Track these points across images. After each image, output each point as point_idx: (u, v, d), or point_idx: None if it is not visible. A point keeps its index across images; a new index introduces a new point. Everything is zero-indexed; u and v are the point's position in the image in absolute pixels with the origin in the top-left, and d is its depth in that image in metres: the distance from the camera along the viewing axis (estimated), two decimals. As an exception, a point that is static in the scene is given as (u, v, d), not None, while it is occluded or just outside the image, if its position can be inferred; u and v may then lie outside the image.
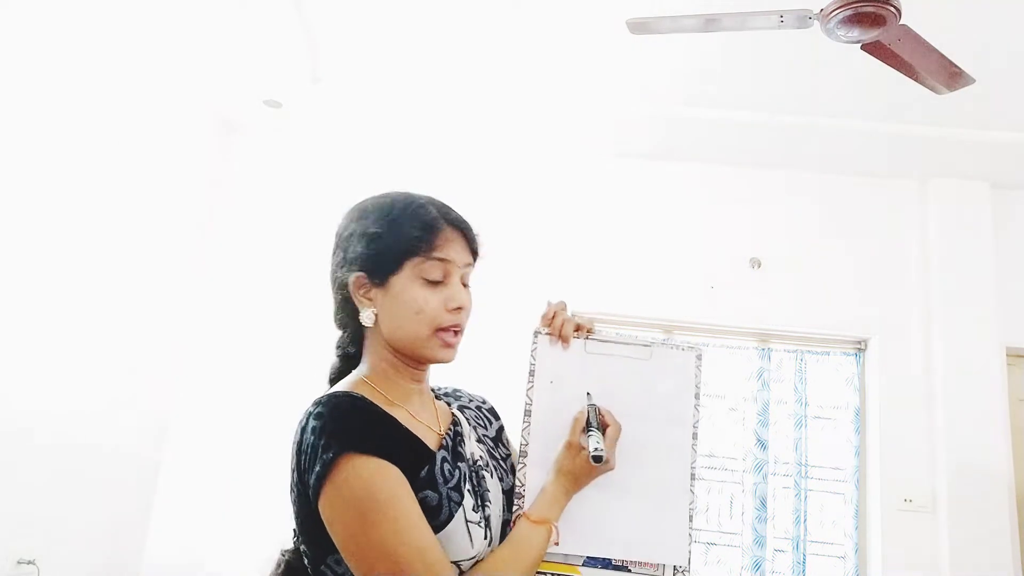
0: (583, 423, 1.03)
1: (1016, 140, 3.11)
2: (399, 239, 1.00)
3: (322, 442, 0.88)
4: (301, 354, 3.26)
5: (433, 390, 1.14)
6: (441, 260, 1.00)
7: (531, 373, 1.08)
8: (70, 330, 2.65)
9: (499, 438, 1.18)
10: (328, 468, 0.86)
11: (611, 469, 1.02)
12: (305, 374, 2.78)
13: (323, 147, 3.68)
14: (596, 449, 0.97)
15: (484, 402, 1.24)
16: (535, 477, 1.03)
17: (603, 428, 1.02)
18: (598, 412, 1.04)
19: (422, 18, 2.74)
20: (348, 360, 1.07)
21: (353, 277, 1.01)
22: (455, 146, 3.63)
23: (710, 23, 1.98)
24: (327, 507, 0.87)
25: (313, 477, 0.87)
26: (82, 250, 2.68)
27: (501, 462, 1.12)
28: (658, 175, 3.61)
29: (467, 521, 0.95)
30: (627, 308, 3.47)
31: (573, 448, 1.02)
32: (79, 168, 2.62)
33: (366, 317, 1.00)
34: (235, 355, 3.44)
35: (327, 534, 0.89)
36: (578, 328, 1.10)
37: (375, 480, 0.87)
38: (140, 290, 3.05)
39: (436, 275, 1.00)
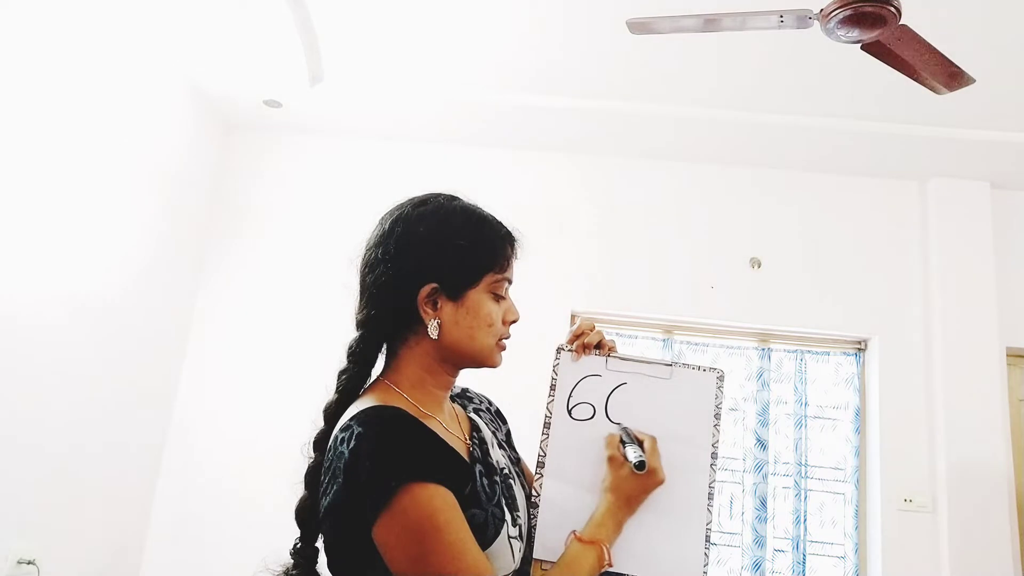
0: (618, 439, 1.05)
1: (1016, 140, 3.11)
2: (484, 255, 1.01)
3: (380, 469, 0.86)
4: (302, 354, 3.28)
5: None
6: (507, 278, 1.04)
7: (552, 387, 1.11)
8: (71, 330, 2.65)
9: (510, 441, 1.19)
10: (390, 497, 0.85)
11: (661, 482, 1.02)
12: (306, 374, 2.80)
13: (323, 147, 3.68)
14: (637, 456, 0.99)
15: (491, 404, 1.24)
16: (551, 488, 1.05)
17: (639, 442, 1.03)
18: (629, 431, 1.06)
19: (422, 18, 2.75)
20: (364, 366, 1.03)
21: (426, 288, 0.99)
22: (455, 146, 3.63)
23: (710, 23, 1.98)
24: (384, 533, 0.86)
25: (370, 504, 0.86)
26: (82, 250, 2.68)
27: (516, 465, 1.13)
28: (658, 175, 3.61)
29: (509, 537, 0.96)
30: (627, 309, 3.47)
31: (615, 462, 1.03)
32: (79, 168, 2.62)
33: (432, 329, 0.99)
34: (236, 355, 3.44)
35: (369, 555, 0.88)
36: (600, 345, 1.12)
37: (434, 506, 0.86)
38: (140, 289, 3.05)
39: (502, 291, 1.04)
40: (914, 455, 3.23)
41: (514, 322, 1.06)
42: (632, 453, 1.00)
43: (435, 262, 0.99)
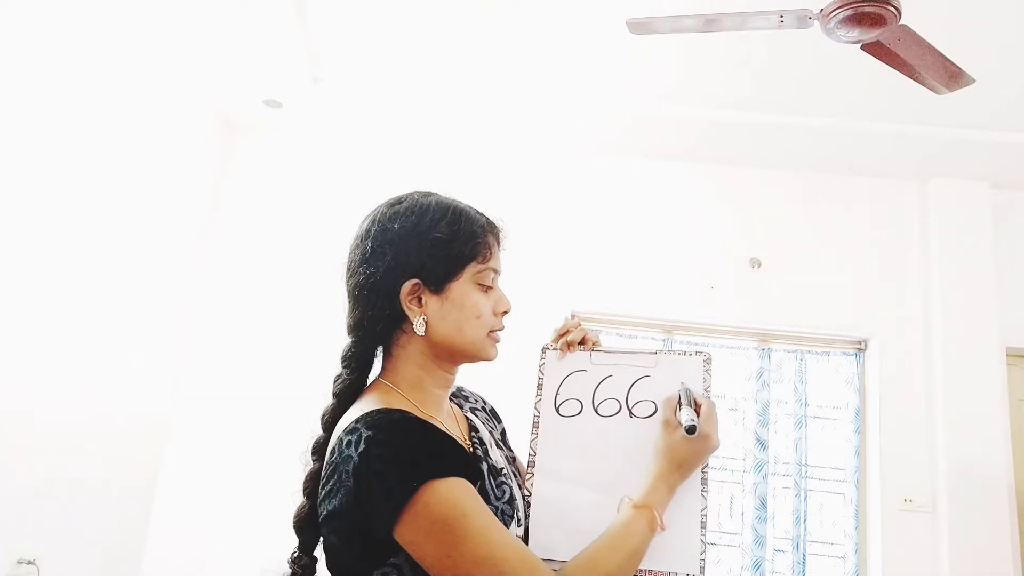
0: (675, 402, 1.04)
1: (1016, 140, 3.11)
2: (463, 245, 1.00)
3: (396, 471, 0.85)
4: (302, 355, 3.27)
5: None
6: (492, 267, 1.02)
7: (539, 386, 1.11)
8: (71, 329, 2.65)
9: (505, 440, 1.19)
10: (409, 497, 0.83)
11: (716, 447, 1.01)
12: (306, 375, 2.80)
13: (323, 147, 3.68)
14: (689, 420, 0.98)
15: (486, 403, 1.24)
16: (542, 486, 1.05)
17: (696, 407, 1.02)
18: (690, 392, 1.05)
19: (422, 18, 2.74)
20: (359, 371, 1.02)
21: (408, 285, 0.98)
22: (455, 146, 3.63)
23: (710, 23, 1.98)
24: (410, 531, 0.84)
25: (389, 506, 0.84)
26: (83, 251, 2.68)
27: (511, 464, 1.13)
28: (658, 175, 3.61)
29: (515, 536, 0.96)
30: (627, 308, 3.47)
31: (669, 426, 1.02)
32: (80, 170, 2.62)
33: (419, 325, 0.98)
34: (236, 355, 3.44)
35: (375, 558, 0.88)
36: (583, 341, 1.12)
37: (455, 496, 0.85)
38: (141, 290, 3.05)
39: (488, 281, 1.02)
40: (914, 455, 3.23)
41: (506, 312, 1.04)
42: (685, 416, 0.99)
43: (414, 257, 0.98)
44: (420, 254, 0.98)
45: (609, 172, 3.62)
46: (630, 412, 1.08)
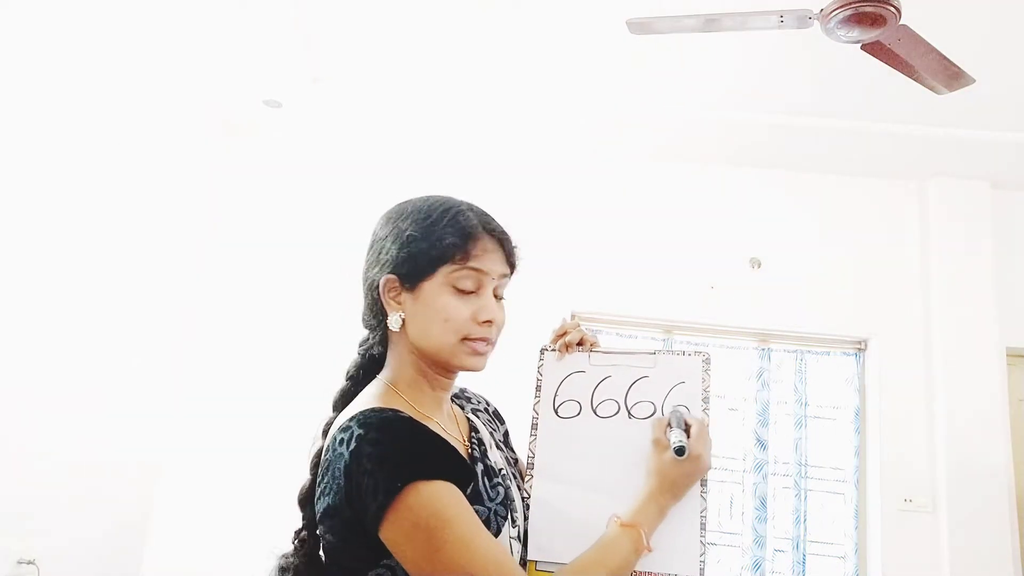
0: (666, 423, 1.03)
1: (1016, 140, 3.11)
2: (435, 244, 0.98)
3: (383, 470, 0.84)
4: (304, 356, 3.27)
5: None
6: (475, 270, 0.98)
7: (538, 388, 1.11)
8: (72, 331, 2.65)
9: (508, 442, 1.19)
10: (393, 497, 0.83)
11: (707, 468, 1.00)
12: (308, 376, 2.79)
13: (323, 147, 3.68)
14: (677, 441, 0.97)
15: (489, 404, 1.24)
16: (541, 488, 1.04)
17: (687, 427, 1.02)
18: (680, 414, 1.04)
19: (422, 18, 2.74)
20: (373, 360, 1.05)
21: (384, 279, 0.99)
22: (454, 146, 3.63)
23: (710, 23, 1.98)
24: (393, 532, 0.85)
25: (375, 505, 0.84)
26: (83, 253, 2.68)
27: (513, 466, 1.12)
28: (658, 175, 3.61)
29: (509, 537, 0.96)
30: (627, 308, 3.47)
31: (659, 445, 1.01)
32: (80, 172, 2.62)
33: (393, 321, 0.99)
34: (237, 356, 3.44)
35: (370, 557, 0.88)
36: (581, 342, 1.12)
37: (440, 501, 0.85)
38: (142, 291, 3.05)
39: (468, 285, 0.98)
40: (914, 455, 3.23)
41: (488, 322, 0.99)
42: (674, 437, 0.98)
43: (391, 254, 1.00)
44: (396, 250, 0.99)
45: (609, 172, 3.62)
46: (629, 413, 1.08)
